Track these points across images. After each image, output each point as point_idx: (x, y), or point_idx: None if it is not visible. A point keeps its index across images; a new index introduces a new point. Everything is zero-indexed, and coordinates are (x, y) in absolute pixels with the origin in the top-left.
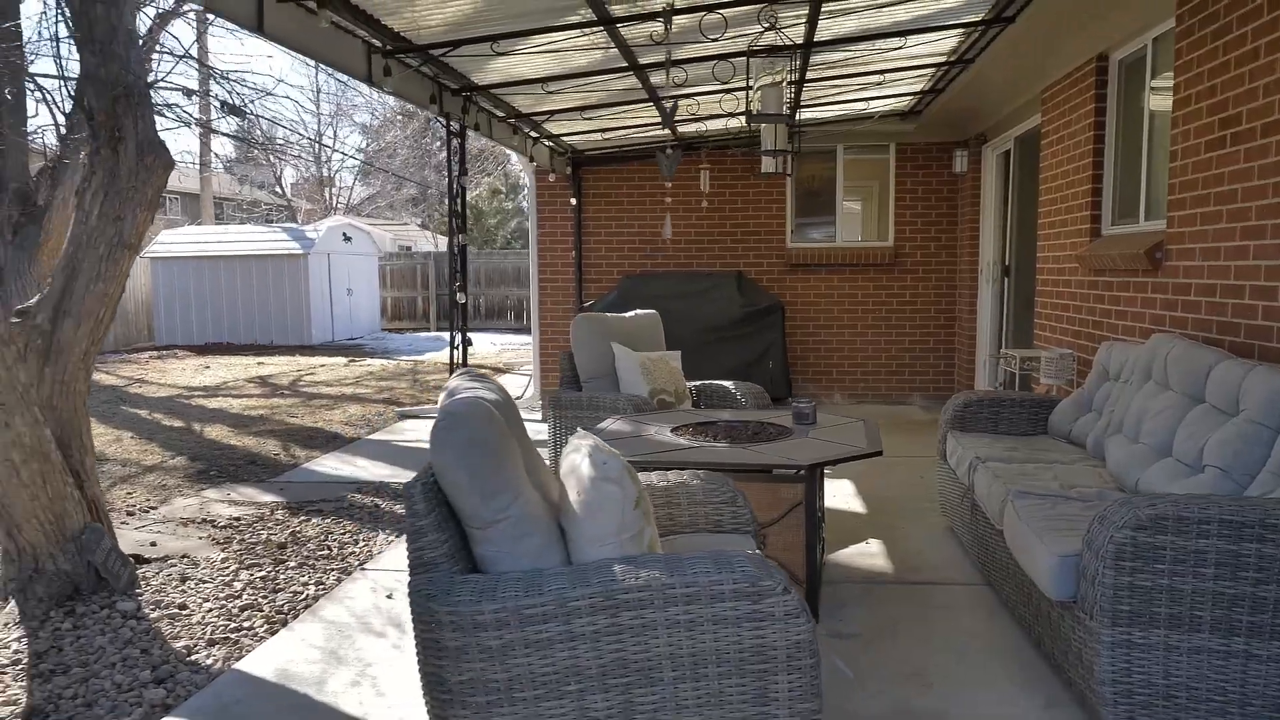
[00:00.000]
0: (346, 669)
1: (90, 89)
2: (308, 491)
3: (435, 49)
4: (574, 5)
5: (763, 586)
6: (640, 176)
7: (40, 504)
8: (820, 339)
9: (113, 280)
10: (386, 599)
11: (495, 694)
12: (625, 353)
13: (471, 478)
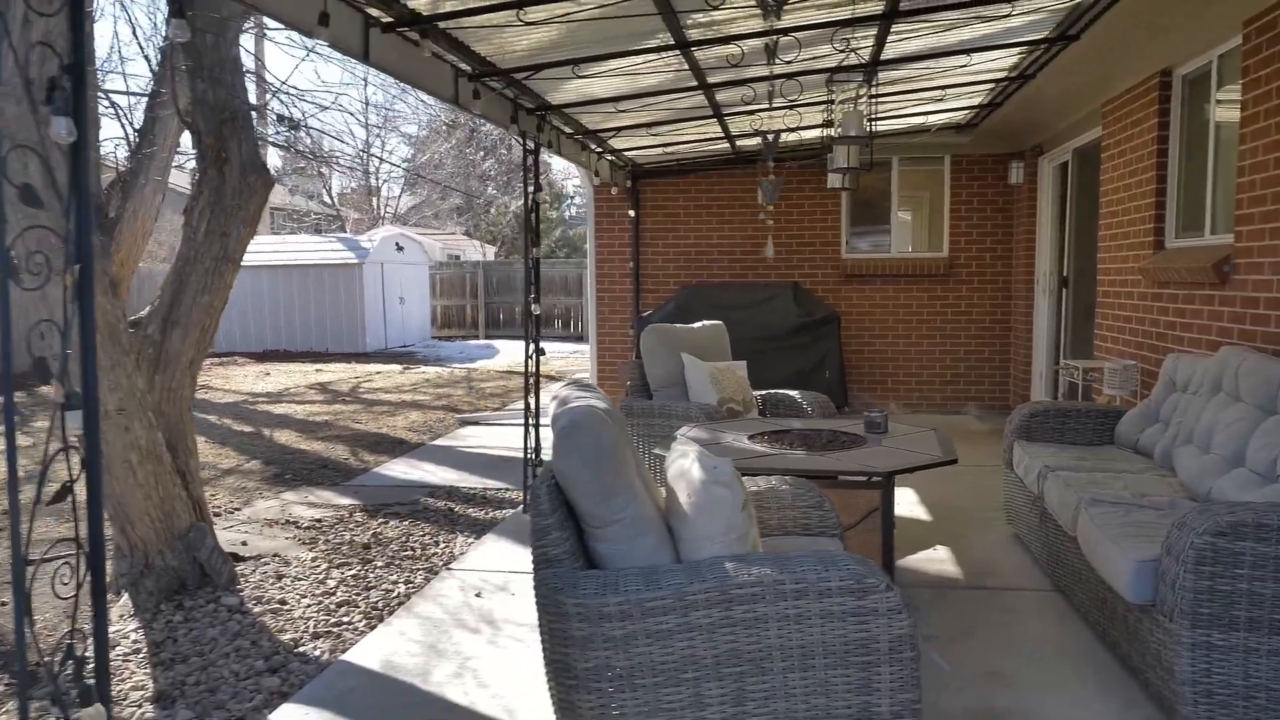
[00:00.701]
0: (447, 662)
1: (200, 114)
2: (381, 495)
3: (518, 73)
4: (652, 31)
5: (867, 584)
6: (696, 189)
7: (152, 503)
8: (875, 349)
9: (217, 293)
10: (476, 597)
11: (618, 680)
12: (694, 362)
13: (593, 481)
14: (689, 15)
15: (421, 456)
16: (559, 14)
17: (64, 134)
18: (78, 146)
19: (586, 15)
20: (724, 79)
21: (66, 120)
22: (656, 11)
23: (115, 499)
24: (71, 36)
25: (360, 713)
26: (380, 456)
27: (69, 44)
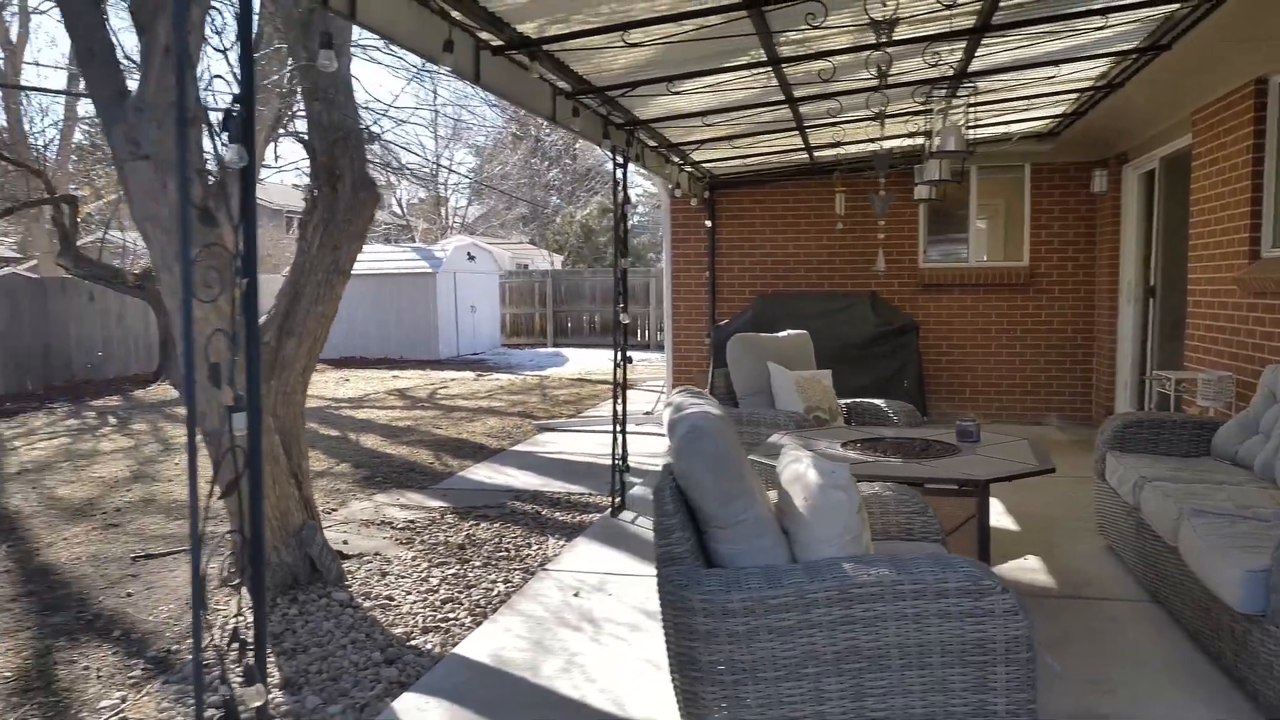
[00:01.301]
0: (554, 658)
1: (315, 134)
2: (469, 498)
3: (612, 90)
4: (745, 48)
5: (984, 585)
6: (772, 199)
7: (270, 502)
8: (953, 359)
9: (329, 303)
10: (574, 597)
11: (741, 673)
12: (781, 371)
13: (715, 484)
14: (782, 33)
15: (503, 461)
16: (660, 35)
17: (236, 159)
18: (246, 170)
19: (687, 36)
20: (809, 93)
21: (238, 147)
22: (753, 31)
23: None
24: (241, 70)
25: (476, 704)
26: (464, 461)
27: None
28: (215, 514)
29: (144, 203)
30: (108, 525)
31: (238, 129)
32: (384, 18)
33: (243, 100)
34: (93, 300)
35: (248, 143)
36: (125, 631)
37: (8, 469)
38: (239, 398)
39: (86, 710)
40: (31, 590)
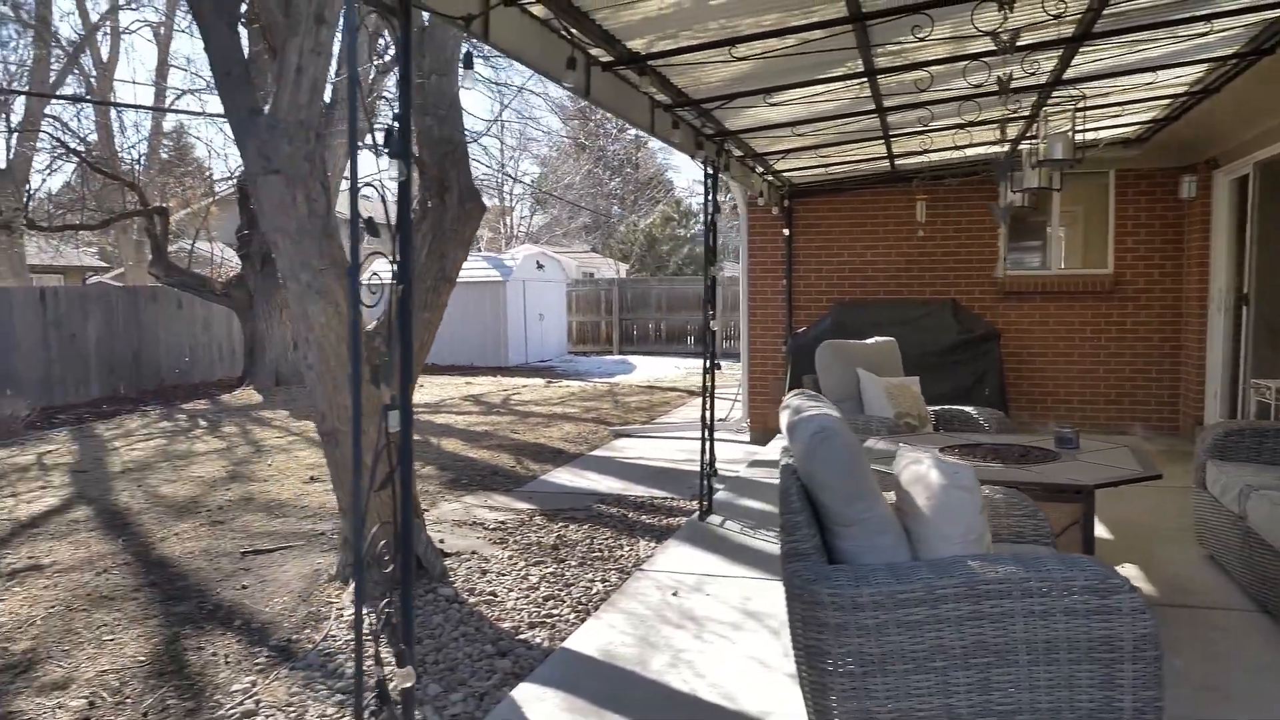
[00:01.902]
0: (661, 653)
1: (426, 148)
2: (554, 501)
3: (708, 103)
4: (842, 60)
5: (1111, 584)
6: (850, 207)
7: (380, 500)
8: (1034, 367)
9: (435, 309)
10: (673, 596)
11: (870, 665)
12: (870, 378)
13: (842, 482)
14: (881, 45)
15: (583, 466)
16: (762, 49)
17: (396, 174)
18: (404, 184)
19: (789, 50)
20: (899, 102)
21: (399, 162)
22: (854, 46)
23: (351, 496)
24: (400, 91)
25: (591, 695)
26: (544, 465)
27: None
28: (312, 513)
29: (274, 214)
30: (213, 522)
31: (398, 145)
32: (512, 39)
33: (401, 119)
34: (180, 308)
35: (406, 158)
36: (245, 621)
37: (111, 468)
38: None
39: (220, 693)
40: (153, 581)
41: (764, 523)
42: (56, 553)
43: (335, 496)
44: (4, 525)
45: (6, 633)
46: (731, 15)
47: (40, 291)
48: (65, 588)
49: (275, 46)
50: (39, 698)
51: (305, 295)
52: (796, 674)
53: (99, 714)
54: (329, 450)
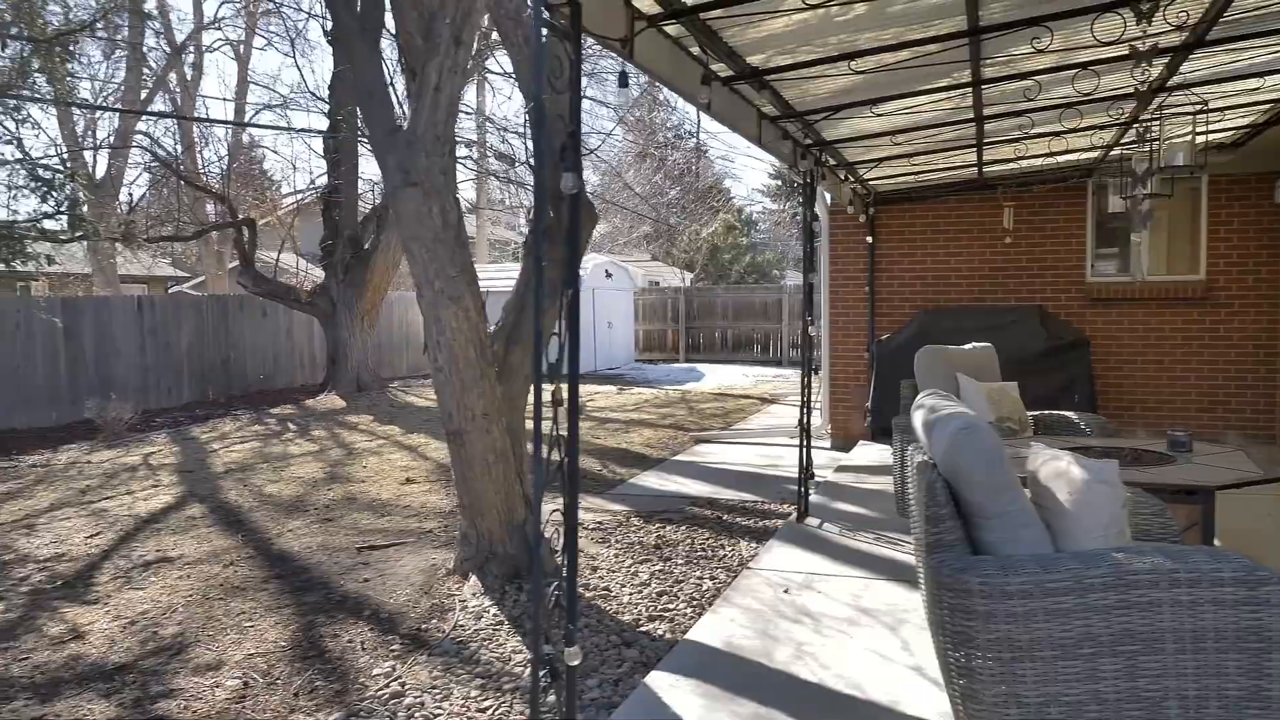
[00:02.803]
0: (783, 646)
1: None
2: (646, 503)
3: (814, 114)
4: (949, 70)
5: (1259, 576)
6: (934, 214)
7: (500, 498)
8: (1122, 374)
9: (551, 315)
10: (784, 593)
11: (1018, 651)
12: (970, 382)
13: (987, 476)
14: (991, 57)
15: (669, 470)
16: (878, 64)
17: (569, 186)
18: (575, 196)
19: (905, 64)
20: (1000, 110)
21: (572, 175)
22: (966, 60)
23: (472, 493)
24: (570, 109)
25: (722, 683)
26: (630, 469)
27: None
28: (415, 512)
29: (411, 225)
30: (323, 520)
31: (571, 159)
32: (651, 58)
33: (573, 135)
34: (265, 316)
35: (578, 170)
36: (373, 611)
37: (214, 468)
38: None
39: (363, 676)
40: (278, 574)
41: (861, 525)
42: (182, 546)
43: (456, 493)
44: (127, 520)
45: (153, 619)
46: (853, 30)
47: (138, 300)
48: (198, 578)
49: (413, 67)
50: (195, 677)
51: (438, 301)
52: (941, 660)
53: (253, 693)
54: (454, 449)
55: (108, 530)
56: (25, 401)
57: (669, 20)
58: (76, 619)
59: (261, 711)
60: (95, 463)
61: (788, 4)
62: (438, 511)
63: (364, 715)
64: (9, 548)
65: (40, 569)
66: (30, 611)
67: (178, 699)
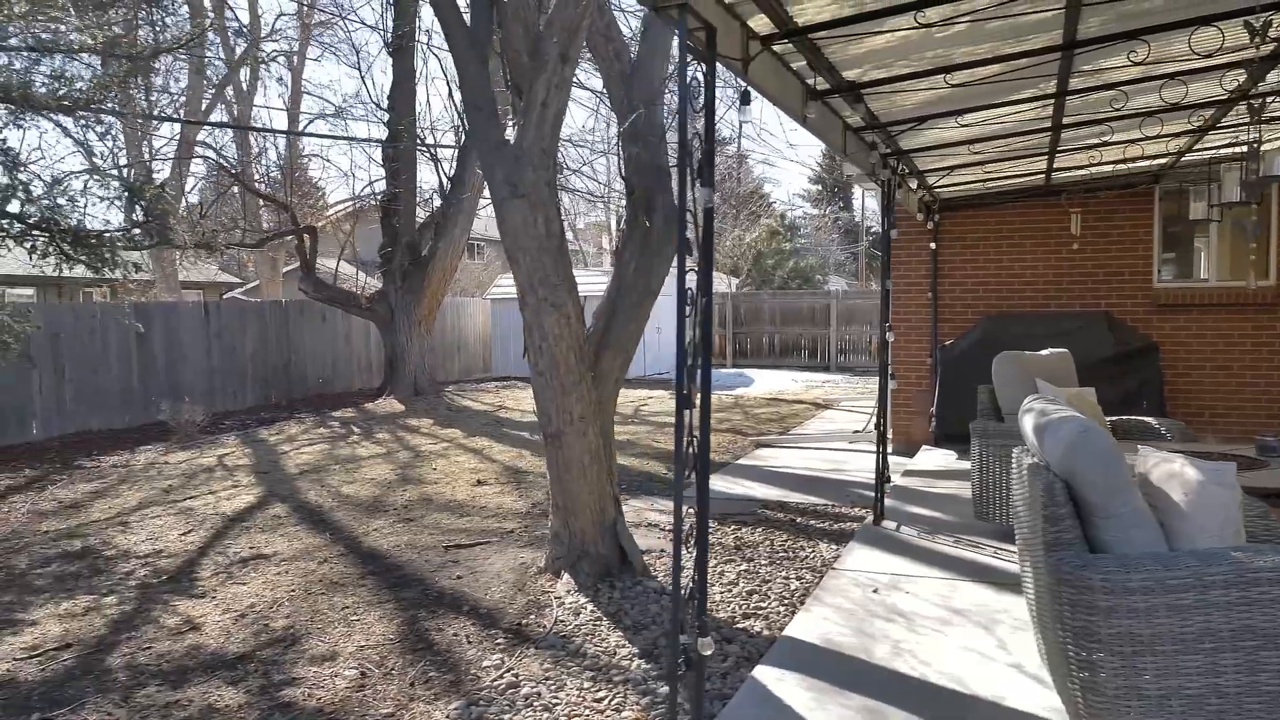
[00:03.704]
0: (880, 643)
1: (634, 172)
2: (718, 506)
3: (895, 125)
4: (1035, 81)
5: None
6: (997, 220)
7: (593, 498)
8: (1190, 380)
9: (640, 321)
10: (873, 593)
11: (1139, 645)
12: (1049, 388)
13: (1105, 477)
14: (1079, 69)
15: (733, 474)
16: (972, 76)
17: (706, 200)
18: (709, 210)
19: (993, 75)
20: (1080, 119)
21: (708, 190)
22: (1054, 74)
23: (567, 493)
24: (705, 125)
25: (827, 676)
26: None
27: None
28: (492, 513)
29: (517, 234)
30: (404, 519)
31: (707, 175)
32: (761, 76)
33: (707, 153)
34: (324, 321)
35: (711, 185)
36: (472, 607)
37: (288, 470)
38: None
39: (473, 668)
40: (372, 570)
41: (937, 529)
42: (274, 544)
43: (550, 493)
44: (215, 519)
45: (261, 612)
46: (950, 45)
47: (204, 306)
48: (296, 574)
49: (518, 82)
50: (313, 667)
51: (541, 308)
52: (1056, 655)
53: (372, 682)
54: (551, 451)
55: (198, 528)
56: (101, 404)
57: (780, 40)
58: (189, 611)
59: (382, 700)
60: (172, 463)
61: (890, 24)
62: (514, 513)
63: (483, 704)
64: (108, 543)
65: (142, 564)
66: (143, 604)
67: (300, 687)
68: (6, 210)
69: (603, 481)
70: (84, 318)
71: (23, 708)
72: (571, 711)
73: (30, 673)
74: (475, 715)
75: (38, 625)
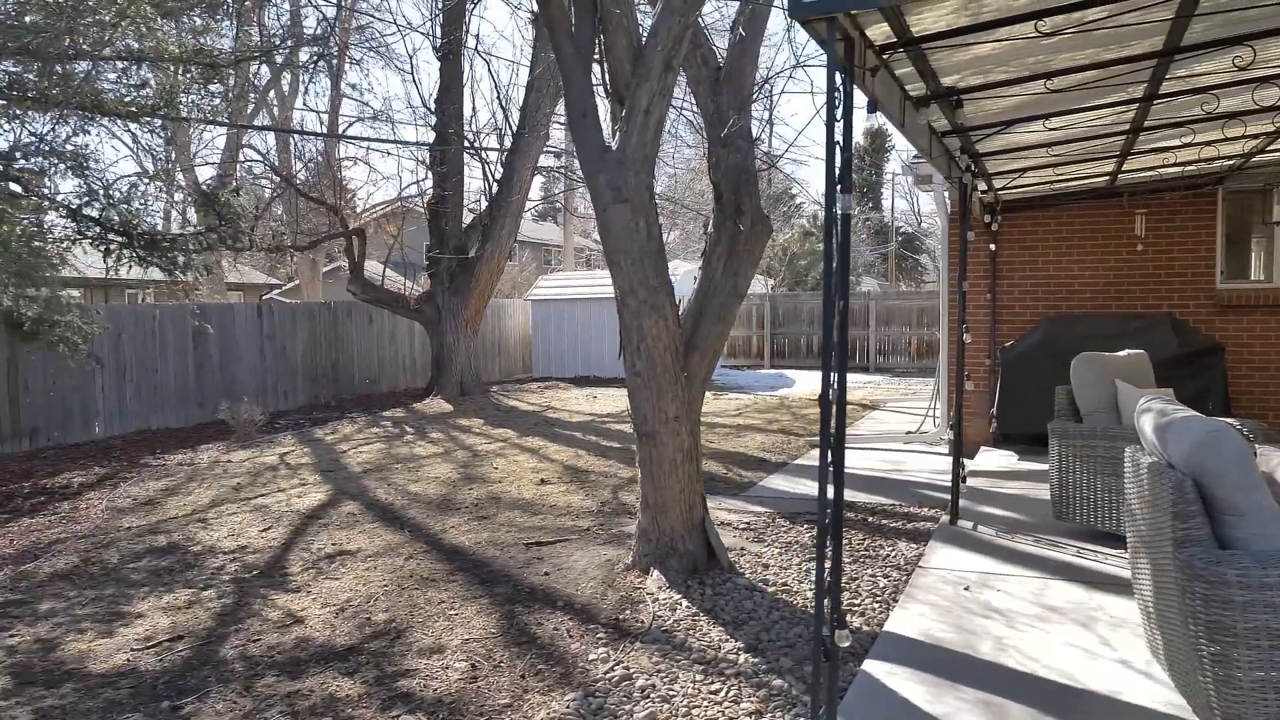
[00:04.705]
0: (981, 639)
1: (724, 176)
2: (784, 505)
3: (976, 130)
4: (1126, 84)
5: None
6: (1057, 221)
7: (684, 496)
8: (1254, 381)
9: (726, 322)
10: (965, 591)
11: (1275, 640)
12: (1128, 388)
13: (1236, 476)
14: (1174, 72)
15: (793, 474)
16: (1073, 82)
17: (846, 206)
18: (846, 216)
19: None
20: (1162, 120)
21: (848, 196)
22: (1147, 80)
23: (659, 491)
24: (843, 135)
25: (936, 670)
26: (755, 473)
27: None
28: (564, 511)
29: (619, 239)
30: (478, 518)
31: (848, 181)
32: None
33: (845, 161)
34: (370, 322)
35: (851, 191)
36: (566, 602)
37: (351, 468)
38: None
39: (580, 661)
40: (460, 567)
41: (1014, 528)
42: (355, 541)
43: (641, 491)
44: (291, 516)
45: (359, 607)
46: (1052, 51)
47: (258, 308)
48: (384, 570)
49: (619, 91)
50: (423, 659)
51: (641, 310)
52: (1184, 651)
53: (483, 674)
54: (644, 449)
55: (276, 525)
56: (160, 404)
57: (894, 50)
58: (288, 605)
59: (497, 691)
60: (235, 462)
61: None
62: (585, 511)
63: (599, 695)
64: (192, 539)
65: (230, 559)
66: (242, 598)
67: (414, 678)
68: (85, 214)
69: (692, 480)
70: (144, 319)
71: (151, 695)
72: (690, 703)
73: (150, 663)
74: (594, 706)
75: (145, 618)
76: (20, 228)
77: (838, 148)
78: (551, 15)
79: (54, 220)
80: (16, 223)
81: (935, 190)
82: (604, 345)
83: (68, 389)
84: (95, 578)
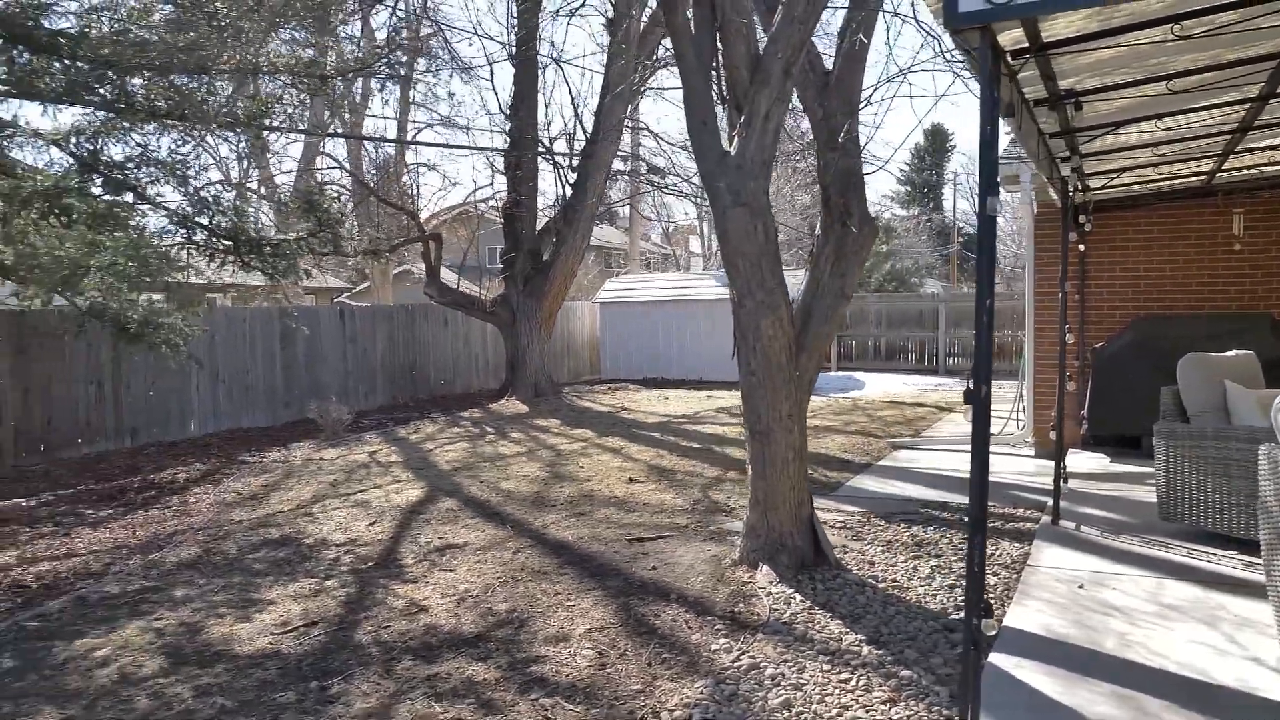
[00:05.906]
0: (1104, 635)
1: (832, 179)
2: (876, 505)
3: (1084, 131)
4: (1242, 84)
5: None
6: (1147, 221)
7: (793, 494)
8: None
9: (834, 323)
10: (1079, 589)
11: None
12: (1239, 389)
13: None
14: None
15: (880, 474)
16: (1195, 83)
17: (992, 207)
18: (990, 218)
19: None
20: (1271, 119)
21: (994, 199)
22: (1263, 80)
23: (769, 488)
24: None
25: (1062, 664)
26: (842, 474)
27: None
28: (657, 509)
29: (738, 241)
30: (575, 514)
31: (993, 186)
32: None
33: (992, 161)
34: (445, 325)
35: (995, 193)
36: (678, 595)
37: (440, 466)
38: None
39: (704, 651)
40: (569, 560)
41: (1119, 529)
42: (461, 535)
43: (750, 488)
44: (393, 511)
45: (478, 597)
46: (1174, 53)
47: (340, 311)
48: (495, 563)
49: (737, 98)
50: (550, 647)
51: (758, 311)
52: None
53: (610, 662)
54: (756, 447)
55: (380, 519)
56: (250, 403)
57: (1022, 55)
58: (409, 595)
59: (627, 678)
60: (328, 459)
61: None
62: (680, 509)
63: (730, 683)
64: (302, 532)
65: (343, 551)
66: (364, 588)
67: (545, 664)
68: (196, 221)
69: (801, 477)
70: (235, 322)
71: (298, 676)
72: (822, 691)
73: (290, 646)
74: (727, 693)
75: (276, 604)
76: (139, 234)
77: (987, 149)
78: (675, 24)
79: (165, 226)
80: (140, 229)
81: (1021, 190)
82: (672, 347)
83: (166, 390)
84: (219, 567)
